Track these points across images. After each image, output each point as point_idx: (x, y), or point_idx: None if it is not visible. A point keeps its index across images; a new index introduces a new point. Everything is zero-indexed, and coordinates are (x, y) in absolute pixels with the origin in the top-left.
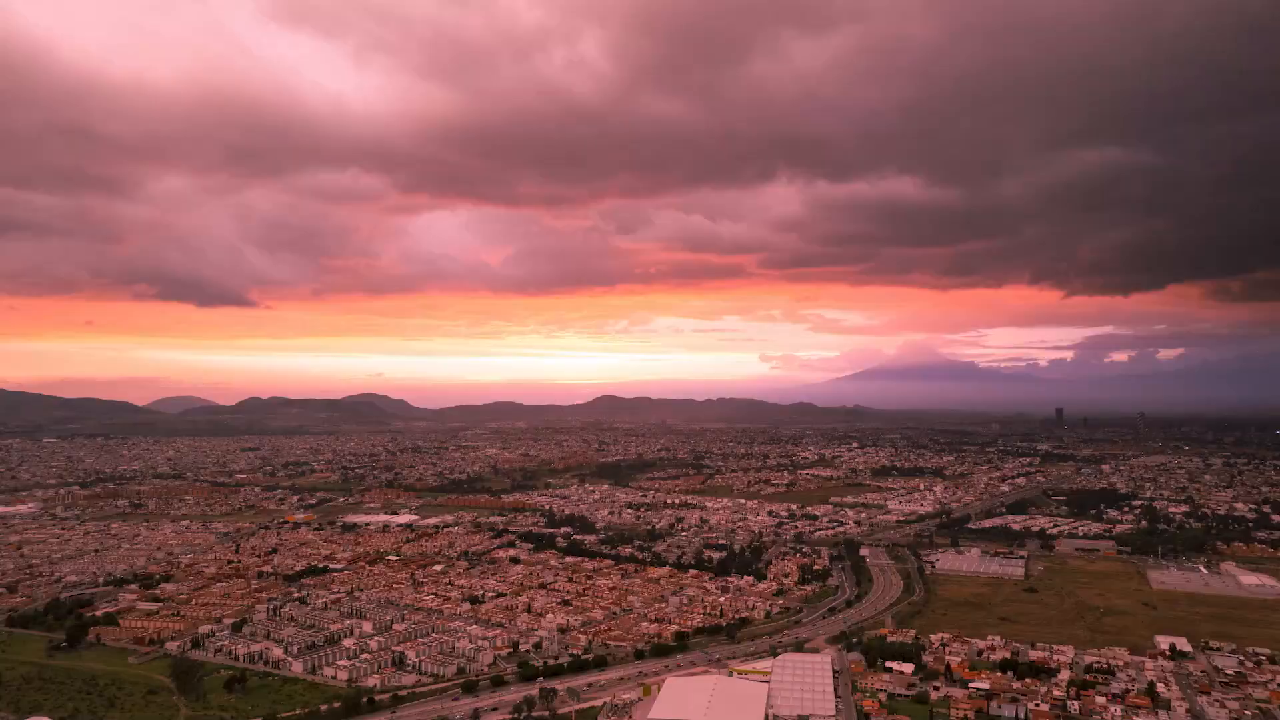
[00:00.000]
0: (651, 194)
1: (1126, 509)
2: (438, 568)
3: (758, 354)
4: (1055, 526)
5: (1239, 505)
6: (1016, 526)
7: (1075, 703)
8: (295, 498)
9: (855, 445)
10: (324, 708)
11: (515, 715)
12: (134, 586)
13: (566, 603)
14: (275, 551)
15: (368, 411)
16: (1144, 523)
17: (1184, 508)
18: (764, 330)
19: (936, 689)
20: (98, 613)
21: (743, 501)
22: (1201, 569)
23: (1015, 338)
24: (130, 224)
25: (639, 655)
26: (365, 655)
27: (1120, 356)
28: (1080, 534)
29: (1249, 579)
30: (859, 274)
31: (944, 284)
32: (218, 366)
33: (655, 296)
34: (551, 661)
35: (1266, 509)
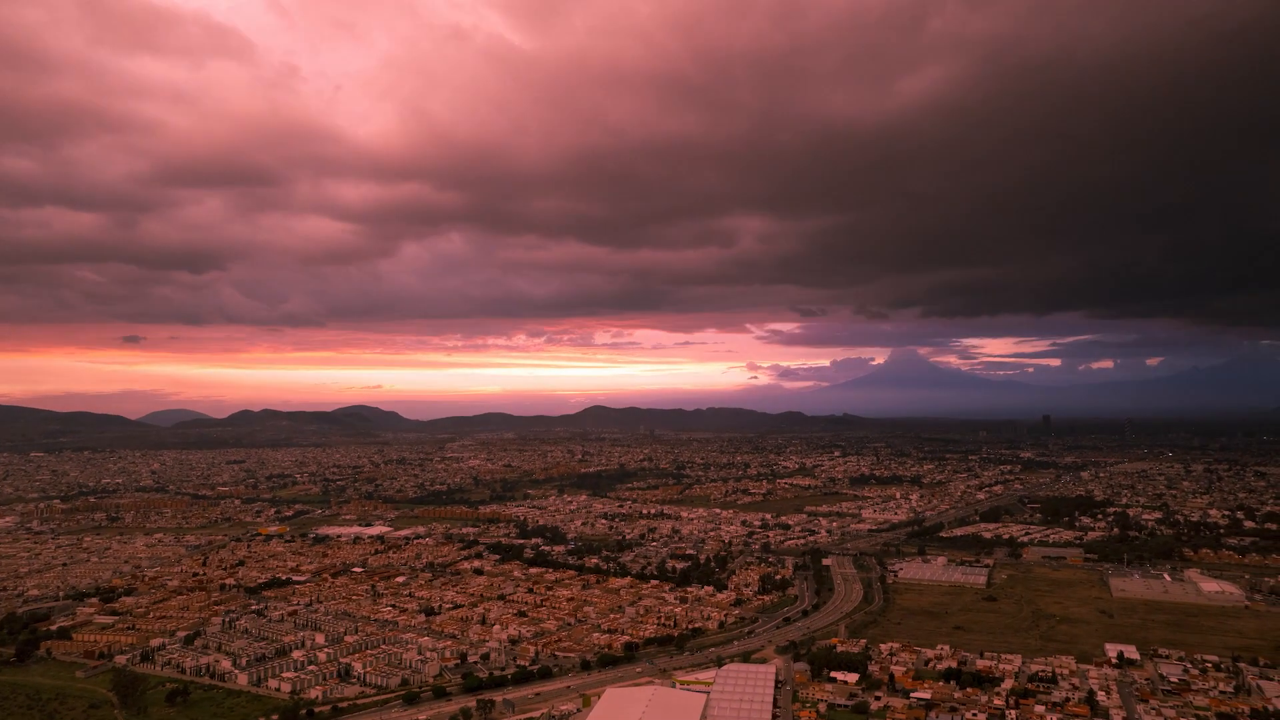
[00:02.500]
0: (648, 222)
1: (1100, 516)
2: (400, 579)
3: (745, 363)
4: (1026, 534)
5: (1213, 511)
6: (988, 535)
7: (1013, 711)
8: (273, 510)
9: (837, 454)
10: None
11: None
12: (93, 600)
13: (523, 614)
14: (242, 564)
15: (357, 424)
16: (1116, 530)
17: (1157, 514)
18: (746, 342)
19: (878, 699)
20: (53, 626)
21: (718, 511)
22: (1165, 576)
23: (1000, 348)
24: (144, 243)
25: (586, 666)
26: (311, 667)
27: (1106, 363)
28: (1050, 541)
29: (1209, 586)
30: (844, 295)
31: (931, 305)
32: (215, 381)
33: (638, 313)
34: (497, 673)
35: (1240, 515)
